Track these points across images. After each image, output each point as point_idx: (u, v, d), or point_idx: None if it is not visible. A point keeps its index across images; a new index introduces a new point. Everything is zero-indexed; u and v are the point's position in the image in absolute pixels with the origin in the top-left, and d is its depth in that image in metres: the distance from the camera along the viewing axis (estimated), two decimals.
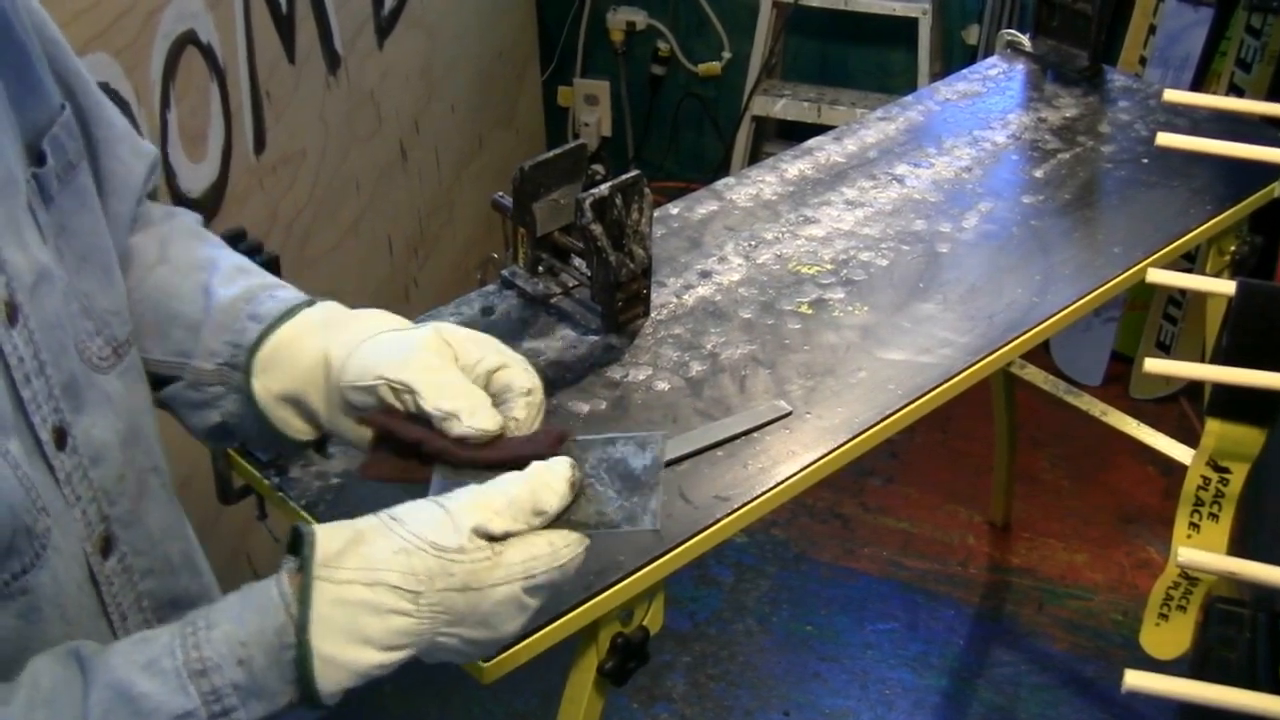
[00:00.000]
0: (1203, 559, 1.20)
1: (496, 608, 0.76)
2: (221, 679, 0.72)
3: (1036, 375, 2.34)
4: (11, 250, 0.76)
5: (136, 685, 0.71)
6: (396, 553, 0.75)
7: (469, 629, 0.77)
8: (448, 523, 0.76)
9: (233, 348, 0.92)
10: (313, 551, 0.74)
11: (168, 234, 0.99)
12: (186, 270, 0.96)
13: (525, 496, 0.78)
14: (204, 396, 0.93)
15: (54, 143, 0.82)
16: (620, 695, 2.31)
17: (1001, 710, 2.35)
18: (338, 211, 2.39)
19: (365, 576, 0.74)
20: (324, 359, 0.88)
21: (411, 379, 0.83)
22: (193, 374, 0.93)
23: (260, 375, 0.90)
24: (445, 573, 0.75)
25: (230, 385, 0.92)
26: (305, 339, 0.90)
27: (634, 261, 1.47)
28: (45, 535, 0.76)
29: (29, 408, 0.76)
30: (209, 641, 0.73)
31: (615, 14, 3.61)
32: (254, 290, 0.94)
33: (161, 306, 0.95)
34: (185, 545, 0.93)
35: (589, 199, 1.42)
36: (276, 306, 0.92)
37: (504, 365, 0.87)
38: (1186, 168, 1.84)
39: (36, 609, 0.76)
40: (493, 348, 0.88)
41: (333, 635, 0.73)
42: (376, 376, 0.85)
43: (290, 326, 0.91)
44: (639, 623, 1.23)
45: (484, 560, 0.76)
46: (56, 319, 0.80)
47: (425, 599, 0.74)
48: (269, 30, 2.12)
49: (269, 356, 0.90)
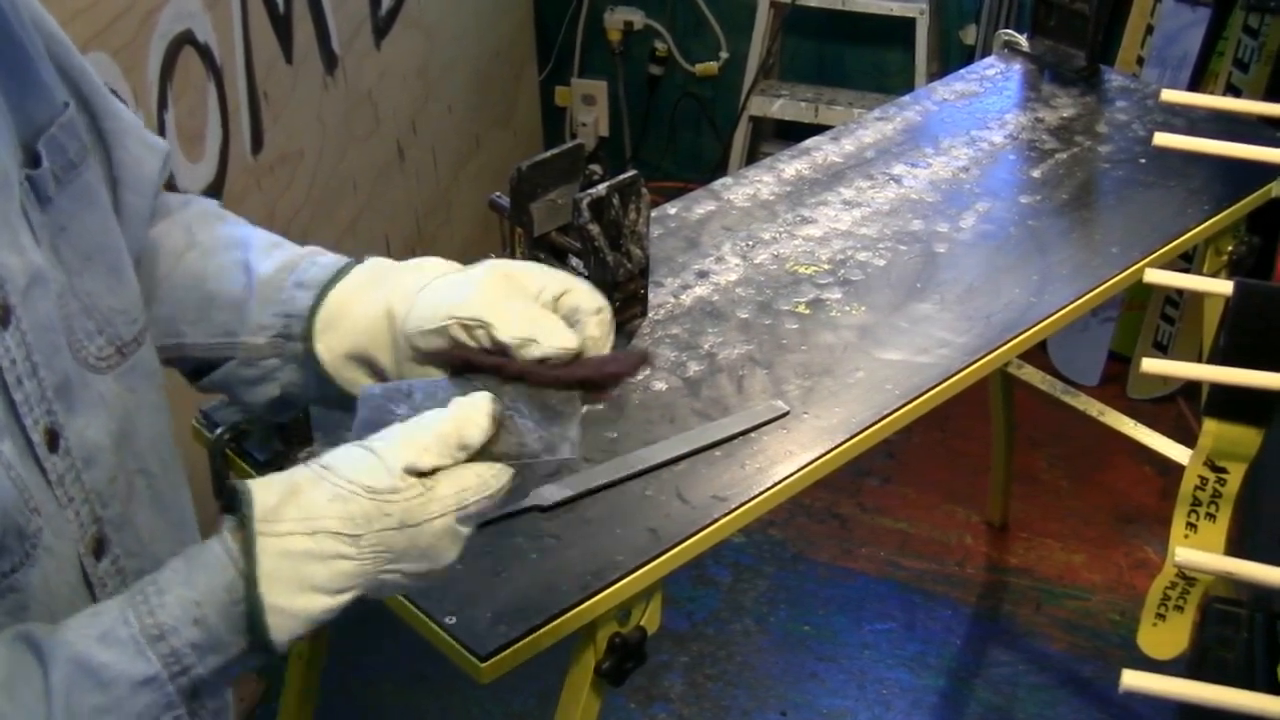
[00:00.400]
0: (1200, 559, 1.20)
1: (434, 540, 0.78)
2: (179, 640, 0.74)
3: (1034, 375, 2.34)
4: (5, 252, 0.76)
5: (95, 657, 0.72)
6: (332, 500, 0.76)
7: (410, 563, 0.78)
8: (378, 465, 0.78)
9: (284, 318, 0.93)
10: (251, 508, 0.76)
11: (191, 219, 1.00)
12: (218, 250, 0.97)
13: (450, 431, 0.79)
14: (259, 372, 0.95)
15: (50, 143, 0.82)
16: (618, 695, 2.31)
17: (999, 710, 2.35)
18: (335, 211, 2.39)
19: (305, 526, 0.76)
20: (386, 311, 0.89)
21: (483, 313, 0.84)
22: (245, 350, 0.94)
23: (322, 337, 0.91)
24: (382, 513, 0.77)
25: (285, 355, 0.94)
26: (363, 294, 0.91)
27: (631, 261, 1.47)
28: (36, 535, 0.76)
29: (21, 410, 0.76)
30: (162, 606, 0.74)
31: (613, 14, 3.61)
32: (294, 260, 0.95)
33: (198, 290, 0.96)
34: (178, 548, 0.93)
35: (586, 199, 1.42)
36: (321, 272, 0.93)
37: (568, 289, 0.88)
38: (1184, 168, 1.85)
39: (25, 608, 0.76)
40: (550, 274, 0.89)
41: (281, 586, 0.75)
42: (447, 316, 0.85)
43: (345, 285, 0.92)
44: (636, 623, 1.23)
45: (417, 497, 0.77)
46: (50, 321, 0.80)
47: (366, 540, 0.76)
48: (266, 30, 2.12)
49: (328, 318, 0.91)
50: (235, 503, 0.78)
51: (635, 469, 1.30)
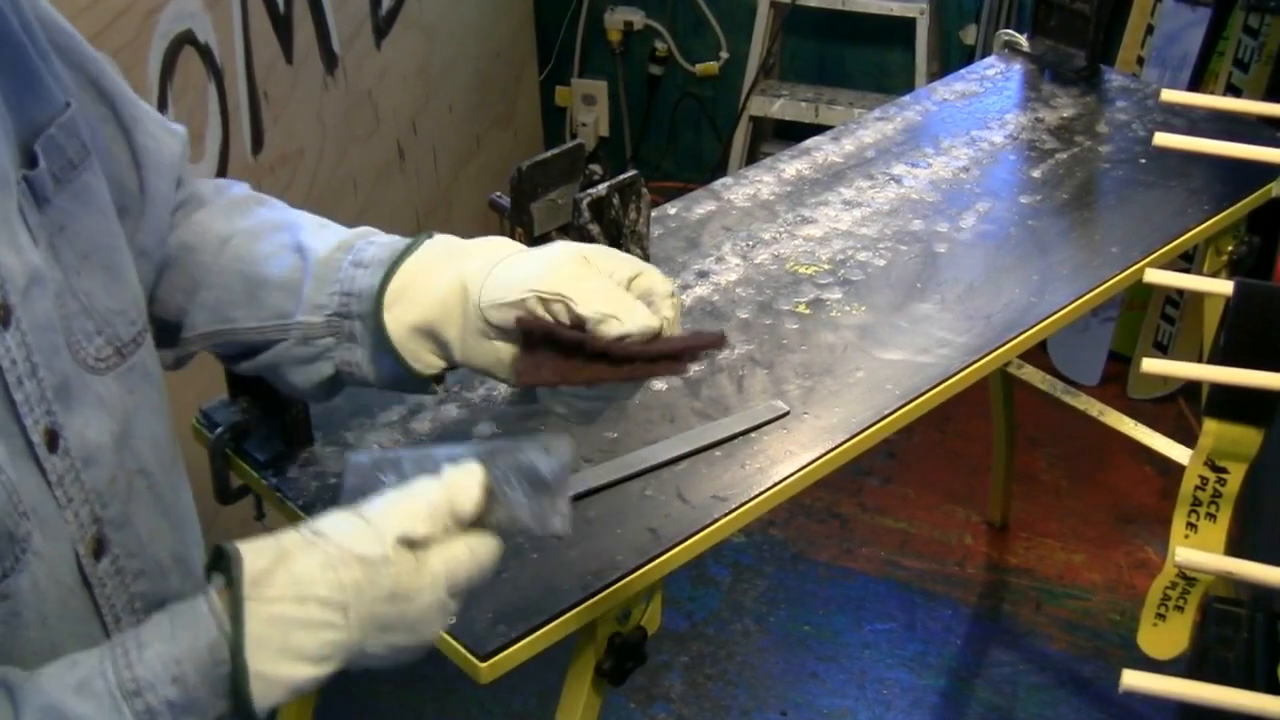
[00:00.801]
0: (1200, 559, 1.20)
1: (422, 614, 0.78)
2: (155, 697, 0.73)
3: (1034, 375, 2.34)
4: (5, 253, 0.76)
5: (70, 708, 0.72)
6: (323, 567, 0.76)
7: (396, 636, 0.78)
8: (370, 533, 0.77)
9: (342, 296, 0.94)
10: (240, 571, 0.75)
11: (229, 206, 1.01)
12: (264, 234, 0.98)
13: (442, 501, 0.79)
14: (314, 350, 0.96)
15: (48, 144, 0.82)
16: (618, 695, 2.31)
17: (999, 710, 2.35)
18: (335, 211, 2.38)
19: (295, 593, 0.75)
20: (460, 284, 0.90)
21: (563, 287, 0.86)
22: (301, 330, 0.95)
23: (391, 308, 0.92)
24: (372, 584, 0.76)
25: (341, 334, 0.94)
26: (436, 268, 0.92)
27: None
28: (25, 540, 0.76)
29: (21, 410, 0.76)
30: (141, 661, 0.74)
31: (613, 14, 3.61)
32: (350, 239, 0.97)
33: (247, 275, 0.97)
34: (178, 547, 0.93)
35: (586, 199, 1.42)
36: (381, 250, 0.94)
37: (640, 272, 0.89)
38: (1184, 168, 1.84)
39: (17, 614, 0.76)
40: (622, 258, 0.90)
41: (266, 653, 0.74)
42: (526, 289, 0.86)
43: (418, 258, 0.93)
44: (636, 623, 1.23)
45: (409, 569, 0.77)
46: (49, 321, 0.80)
47: (354, 611, 0.76)
48: (267, 30, 2.12)
49: (399, 289, 0.92)
50: (223, 563, 0.76)
51: (635, 469, 1.30)
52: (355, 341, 0.94)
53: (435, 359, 0.93)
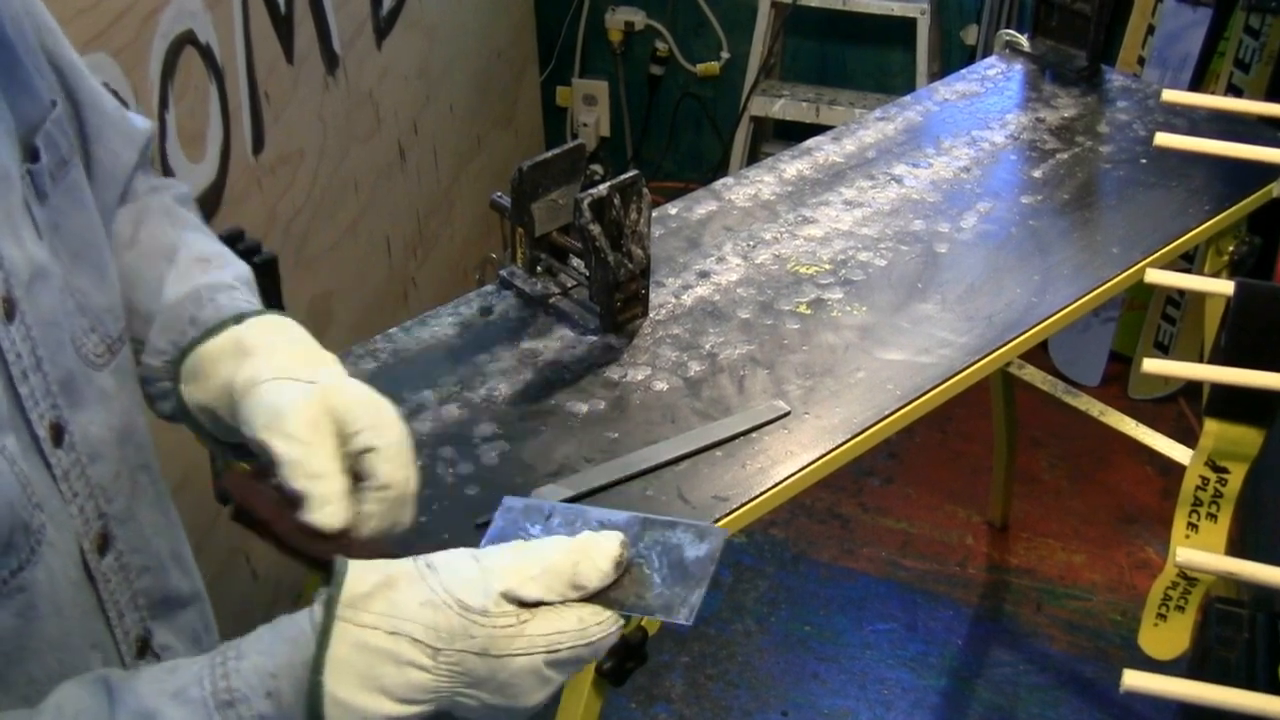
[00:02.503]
0: (1201, 559, 1.20)
1: (514, 678, 0.74)
2: (249, 710, 0.72)
3: (1035, 375, 2.34)
4: (9, 246, 0.76)
5: (164, 713, 0.71)
6: (423, 605, 0.73)
7: (488, 694, 0.75)
8: (479, 582, 0.74)
9: (175, 348, 0.93)
10: (339, 590, 0.74)
11: (143, 213, 0.99)
12: (150, 258, 0.97)
13: (565, 568, 0.75)
14: (156, 390, 0.95)
15: (47, 139, 0.82)
16: (619, 695, 2.31)
17: (1000, 710, 2.35)
18: (336, 212, 2.39)
19: (388, 624, 0.73)
20: (228, 388, 0.89)
21: (275, 445, 0.82)
22: (144, 368, 0.94)
23: (186, 383, 0.91)
24: (466, 634, 0.73)
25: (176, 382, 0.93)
26: (220, 361, 0.90)
27: (632, 262, 1.47)
28: (41, 531, 0.76)
29: (26, 404, 0.76)
30: (238, 672, 0.73)
31: (614, 14, 3.61)
32: (200, 291, 0.94)
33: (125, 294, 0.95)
34: (175, 544, 0.93)
35: (587, 199, 1.42)
36: (214, 315, 0.93)
37: (376, 449, 0.84)
38: (1185, 168, 1.84)
39: (33, 606, 0.76)
40: (380, 423, 0.85)
41: (348, 679, 0.72)
42: (250, 432, 0.84)
43: (214, 343, 0.91)
44: (637, 623, 1.23)
45: (506, 627, 0.74)
46: (53, 315, 0.80)
47: (444, 656, 0.73)
48: (267, 30, 2.12)
49: (191, 368, 0.91)
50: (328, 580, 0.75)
51: (637, 469, 1.30)
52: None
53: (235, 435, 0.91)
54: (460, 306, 1.55)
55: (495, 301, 1.56)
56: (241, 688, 0.72)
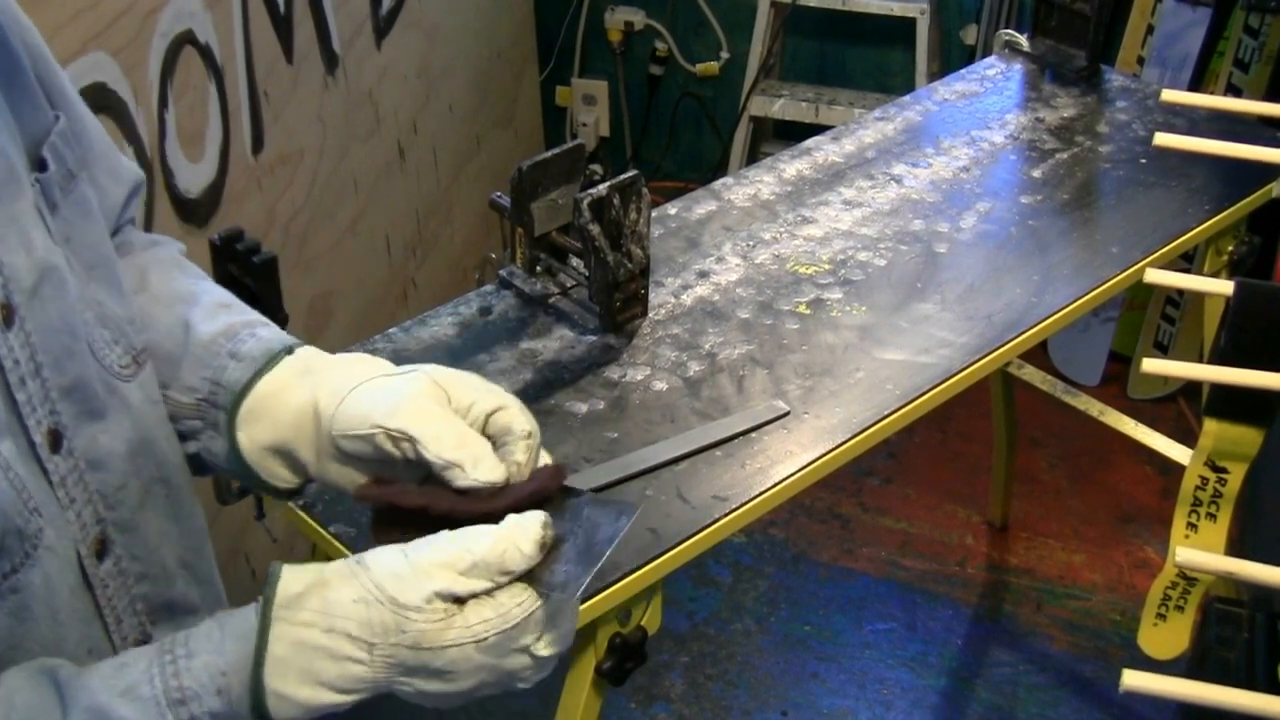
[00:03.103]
0: (1201, 559, 1.20)
1: (449, 665, 0.77)
2: (200, 708, 0.73)
3: (1035, 375, 2.34)
4: (12, 252, 0.76)
5: (115, 711, 0.72)
6: (356, 602, 0.75)
7: (423, 681, 0.77)
8: (410, 580, 0.76)
9: (212, 384, 0.91)
10: (274, 592, 0.76)
11: (148, 263, 0.98)
12: (166, 301, 0.95)
13: (494, 560, 0.77)
14: (181, 429, 0.93)
15: (54, 150, 0.82)
16: (618, 695, 2.31)
17: (1000, 710, 2.36)
18: (336, 211, 2.39)
19: (324, 622, 0.75)
20: (312, 408, 0.87)
21: (410, 426, 0.82)
22: (170, 406, 0.92)
23: (245, 427, 0.89)
24: (399, 629, 0.75)
25: (207, 421, 0.92)
26: (290, 388, 0.89)
27: (632, 261, 1.47)
28: (37, 536, 0.76)
29: (23, 410, 0.76)
30: (189, 670, 0.74)
31: (613, 14, 3.61)
32: (235, 328, 0.93)
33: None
34: (186, 553, 0.93)
35: (587, 199, 1.42)
36: (257, 346, 0.91)
37: (501, 407, 0.85)
38: (1184, 168, 1.84)
39: (27, 608, 0.76)
40: (485, 389, 0.86)
41: (287, 675, 0.74)
42: (373, 425, 0.83)
43: (273, 376, 0.90)
44: (637, 623, 1.23)
45: (437, 622, 0.76)
46: (63, 322, 0.80)
47: (379, 651, 0.75)
48: (267, 30, 2.12)
49: (253, 408, 0.89)
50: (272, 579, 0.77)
51: (636, 469, 1.30)
52: (219, 432, 0.91)
53: (290, 476, 0.90)
54: (460, 306, 1.55)
55: (495, 301, 1.56)
56: (193, 685, 0.74)
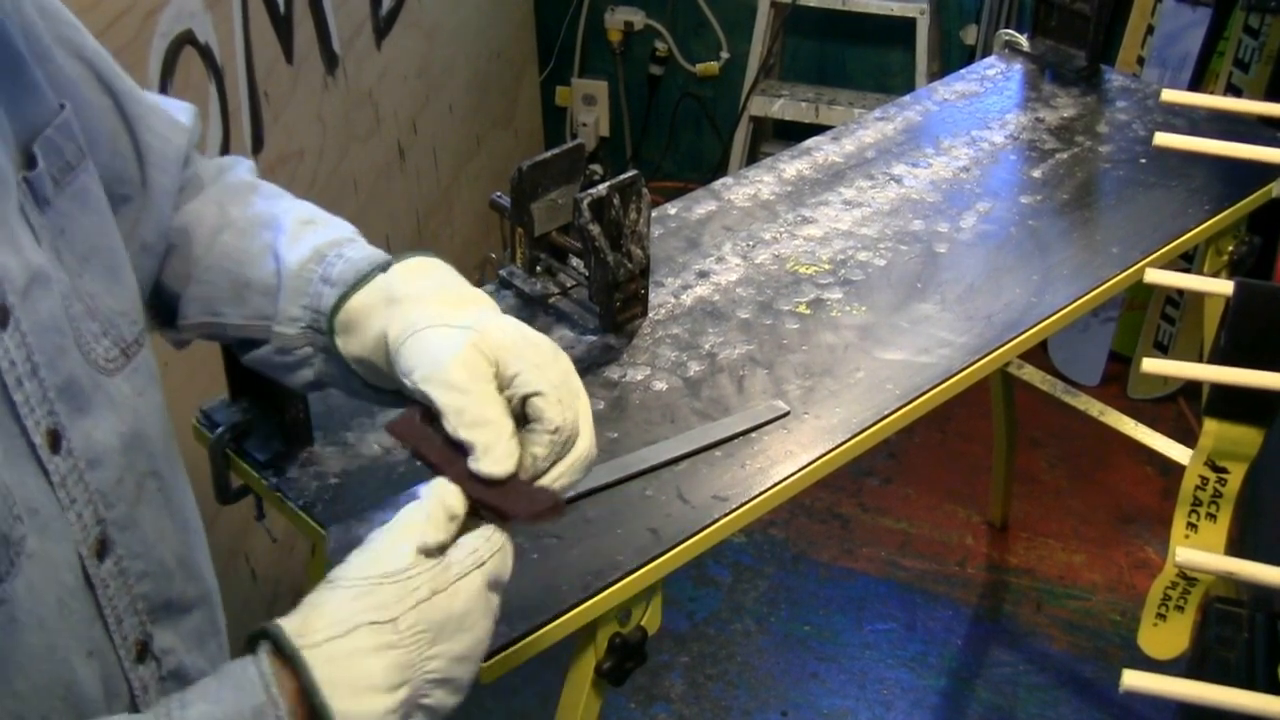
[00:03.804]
0: (1201, 559, 1.20)
1: (468, 603, 0.78)
2: None
3: (1035, 375, 2.34)
4: (3, 253, 0.76)
5: None
6: (355, 598, 0.76)
7: (451, 641, 0.77)
8: (386, 553, 0.77)
9: (312, 313, 0.94)
10: (280, 630, 0.76)
11: (224, 195, 1.01)
12: (251, 231, 0.98)
13: (435, 508, 0.80)
14: (294, 359, 0.97)
15: (46, 145, 0.82)
16: (618, 695, 2.31)
17: (1000, 710, 2.35)
18: (336, 211, 2.37)
19: (339, 629, 0.75)
20: (383, 341, 0.90)
21: (438, 395, 0.83)
22: (279, 338, 0.96)
23: (340, 337, 0.93)
24: (408, 591, 0.76)
25: (317, 346, 0.95)
26: (372, 313, 0.92)
27: (632, 261, 1.47)
28: (20, 543, 0.75)
29: (21, 411, 0.76)
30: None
31: (613, 14, 3.61)
32: (323, 250, 0.96)
33: (233, 273, 0.97)
34: (183, 550, 0.93)
35: (587, 199, 1.42)
36: (347, 268, 0.94)
37: (541, 393, 0.85)
38: (1184, 168, 1.84)
39: (13, 620, 0.75)
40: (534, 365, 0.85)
41: (341, 689, 0.74)
42: (410, 381, 0.86)
43: (360, 297, 0.93)
44: (637, 623, 1.23)
45: (435, 567, 0.77)
46: (53, 321, 0.79)
47: (404, 622, 0.76)
48: (267, 30, 2.12)
49: (344, 322, 0.93)
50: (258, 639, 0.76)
51: (636, 469, 1.30)
52: (329, 353, 0.95)
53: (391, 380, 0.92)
54: None
55: (495, 301, 1.55)
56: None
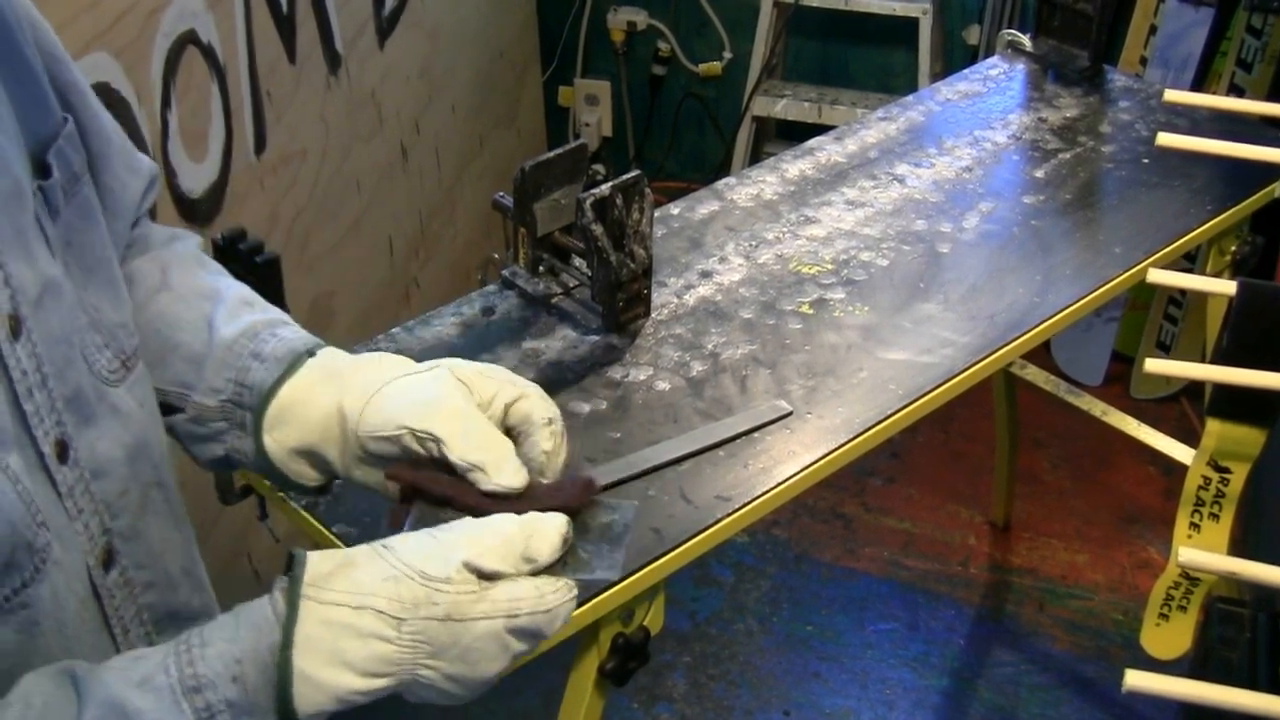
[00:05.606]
0: (1203, 559, 1.20)
1: (476, 643, 0.76)
2: (215, 695, 0.73)
3: (1037, 375, 2.34)
4: (18, 263, 0.76)
5: (131, 702, 0.71)
6: (385, 579, 0.75)
7: (448, 663, 0.76)
8: (438, 553, 0.77)
9: (236, 385, 0.92)
10: (302, 572, 0.75)
11: (169, 259, 0.98)
12: (189, 299, 0.96)
13: (519, 541, 0.78)
14: (207, 431, 0.93)
15: (59, 155, 0.82)
16: (621, 695, 2.31)
17: (1002, 710, 2.35)
18: (338, 212, 2.39)
19: (353, 600, 0.75)
20: (338, 410, 0.88)
21: (436, 427, 0.83)
22: (195, 408, 0.93)
23: (271, 431, 0.90)
24: (429, 601, 0.75)
25: (234, 421, 0.92)
26: (316, 391, 0.90)
27: (635, 262, 1.47)
28: (45, 550, 0.76)
29: (31, 421, 0.76)
30: (203, 659, 0.73)
31: (616, 14, 3.61)
32: (257, 327, 0.93)
33: (163, 335, 0.94)
34: (186, 560, 0.93)
35: (590, 199, 1.42)
36: (280, 347, 0.92)
37: (521, 396, 0.87)
38: (1187, 168, 1.84)
39: (36, 623, 0.75)
40: (505, 379, 0.88)
41: (314, 655, 0.74)
42: (399, 426, 0.84)
43: (298, 379, 0.90)
44: (640, 623, 1.23)
45: (469, 593, 0.76)
46: (63, 332, 0.79)
47: (408, 626, 0.75)
48: (269, 30, 2.12)
49: (279, 412, 0.90)
50: (290, 565, 0.77)
51: (639, 469, 1.30)
52: (246, 432, 0.92)
53: (318, 475, 0.91)
54: (462, 306, 1.55)
55: (497, 301, 1.56)
56: (207, 674, 0.73)
